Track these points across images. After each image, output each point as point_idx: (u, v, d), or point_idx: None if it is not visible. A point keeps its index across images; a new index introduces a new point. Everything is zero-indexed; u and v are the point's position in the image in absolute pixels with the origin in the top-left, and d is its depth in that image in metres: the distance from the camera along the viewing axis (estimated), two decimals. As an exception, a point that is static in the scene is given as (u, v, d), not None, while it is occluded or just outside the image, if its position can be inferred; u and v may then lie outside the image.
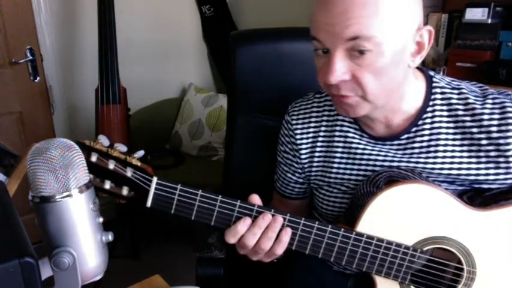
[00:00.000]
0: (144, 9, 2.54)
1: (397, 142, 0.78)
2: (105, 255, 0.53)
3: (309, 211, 0.95)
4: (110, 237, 0.52)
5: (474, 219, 0.71)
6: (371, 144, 0.80)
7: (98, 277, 0.52)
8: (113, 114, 2.01)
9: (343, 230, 0.70)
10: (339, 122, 0.83)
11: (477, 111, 0.73)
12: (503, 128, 0.71)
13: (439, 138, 0.75)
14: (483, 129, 0.72)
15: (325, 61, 0.68)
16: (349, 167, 0.82)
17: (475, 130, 0.73)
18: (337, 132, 0.83)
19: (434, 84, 0.77)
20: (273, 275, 0.96)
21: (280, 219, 0.69)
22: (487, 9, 1.48)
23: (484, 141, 0.73)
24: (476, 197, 0.74)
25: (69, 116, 2.41)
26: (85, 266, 0.50)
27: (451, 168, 0.75)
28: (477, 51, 1.52)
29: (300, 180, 0.90)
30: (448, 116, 0.75)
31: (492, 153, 0.72)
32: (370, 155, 0.80)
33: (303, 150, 0.87)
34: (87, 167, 0.49)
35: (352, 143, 0.81)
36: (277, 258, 0.74)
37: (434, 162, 0.75)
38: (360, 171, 0.81)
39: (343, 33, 0.63)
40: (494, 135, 0.72)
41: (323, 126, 0.85)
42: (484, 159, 0.73)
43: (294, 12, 2.32)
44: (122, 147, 0.67)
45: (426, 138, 0.76)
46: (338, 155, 0.83)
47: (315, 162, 0.86)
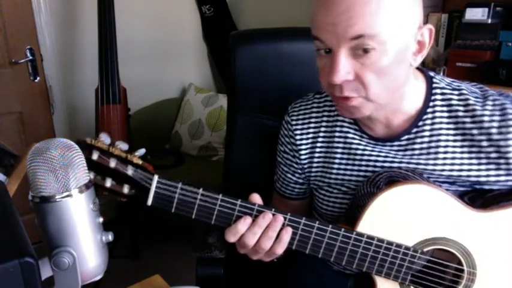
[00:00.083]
0: (144, 9, 2.54)
1: (397, 143, 0.78)
2: (105, 255, 0.53)
3: (309, 211, 0.95)
4: (110, 237, 0.52)
5: (475, 220, 0.71)
6: (371, 145, 0.80)
7: (98, 277, 0.52)
8: (113, 114, 2.01)
9: (343, 230, 0.70)
10: (339, 122, 0.83)
11: (477, 113, 0.73)
12: (504, 130, 0.71)
13: (439, 140, 0.75)
14: (483, 131, 0.72)
15: (327, 61, 0.67)
16: (349, 167, 0.82)
17: (475, 132, 0.73)
18: (337, 133, 0.83)
19: (434, 85, 0.76)
20: (273, 275, 0.96)
21: (280, 219, 0.69)
22: (487, 9, 1.48)
23: (485, 143, 0.72)
24: (477, 198, 0.74)
25: (69, 116, 2.41)
26: (85, 266, 0.50)
27: (452, 169, 0.75)
28: (477, 51, 1.52)
29: (299, 180, 0.90)
30: (448, 117, 0.75)
31: (493, 155, 0.72)
32: (370, 155, 0.80)
33: (303, 150, 0.87)
34: (89, 165, 0.49)
35: (352, 143, 0.81)
36: (277, 257, 0.74)
37: (435, 164, 0.75)
38: (361, 172, 0.80)
39: (346, 32, 0.62)
40: (494, 137, 0.71)
41: (323, 127, 0.85)
42: (484, 161, 0.73)
43: (294, 12, 2.33)
44: (123, 145, 0.67)
45: (426, 139, 0.76)
46: (338, 155, 0.83)
47: (315, 163, 0.86)
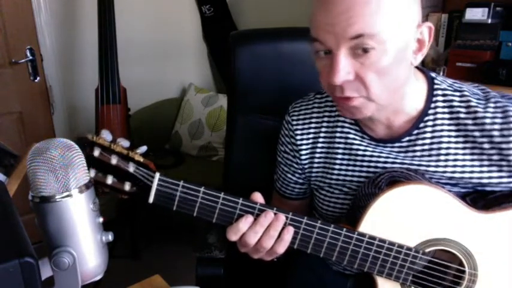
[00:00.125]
0: (144, 9, 2.54)
1: (398, 144, 0.77)
2: (105, 255, 0.53)
3: (309, 211, 0.95)
4: (110, 237, 0.52)
5: (477, 221, 0.71)
6: (372, 146, 0.80)
7: (98, 277, 0.52)
8: (113, 114, 2.01)
9: (345, 229, 0.70)
10: (340, 123, 0.83)
11: (479, 115, 0.72)
12: (506, 132, 0.70)
13: (441, 141, 0.75)
14: (485, 133, 0.72)
15: (327, 62, 0.67)
16: (350, 168, 0.81)
17: (477, 134, 0.73)
18: (338, 134, 0.83)
19: (436, 86, 0.76)
20: (273, 275, 0.96)
21: (282, 218, 0.69)
22: (487, 9, 1.48)
23: (487, 145, 0.72)
24: (479, 199, 0.73)
25: (69, 116, 2.41)
26: (85, 266, 0.50)
27: (454, 171, 0.74)
28: (477, 51, 1.52)
29: (300, 180, 0.90)
30: (450, 118, 0.75)
31: (495, 157, 0.72)
32: (371, 157, 0.79)
33: (303, 150, 0.86)
34: (90, 162, 0.49)
35: (353, 144, 0.81)
36: (277, 257, 0.73)
37: (437, 165, 0.75)
38: (362, 172, 0.80)
39: (346, 32, 0.62)
40: (496, 140, 0.71)
41: (324, 127, 0.85)
42: (486, 163, 0.73)
43: (294, 12, 2.32)
44: (125, 143, 0.66)
45: (428, 140, 0.75)
46: (339, 156, 0.82)
47: (316, 163, 0.86)
